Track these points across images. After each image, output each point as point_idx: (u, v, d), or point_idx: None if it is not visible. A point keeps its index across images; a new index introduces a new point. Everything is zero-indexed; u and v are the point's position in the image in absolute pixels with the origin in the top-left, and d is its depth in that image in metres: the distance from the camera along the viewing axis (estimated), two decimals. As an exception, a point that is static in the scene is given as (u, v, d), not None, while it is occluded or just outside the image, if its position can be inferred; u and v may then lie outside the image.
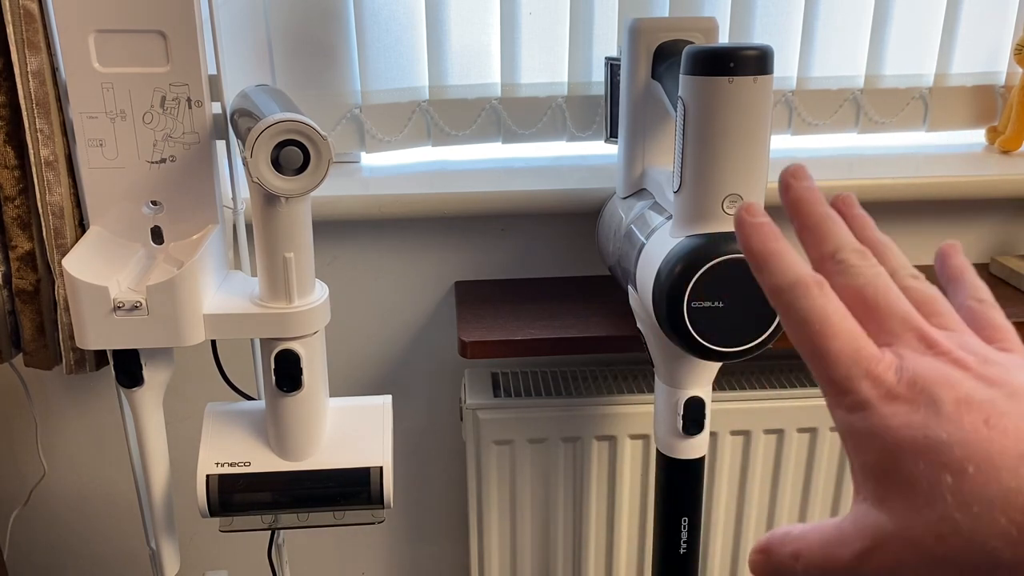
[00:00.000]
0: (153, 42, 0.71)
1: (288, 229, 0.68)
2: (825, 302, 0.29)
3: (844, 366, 0.28)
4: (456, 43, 1.07)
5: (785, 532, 0.30)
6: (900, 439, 0.27)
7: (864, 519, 0.28)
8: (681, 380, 0.82)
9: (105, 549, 1.23)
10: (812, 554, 0.29)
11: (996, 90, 1.17)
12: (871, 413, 0.27)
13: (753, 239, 0.31)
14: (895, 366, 0.28)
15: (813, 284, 0.29)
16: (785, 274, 0.30)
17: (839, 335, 0.29)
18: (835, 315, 0.29)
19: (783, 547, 0.30)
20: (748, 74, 0.65)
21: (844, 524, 0.29)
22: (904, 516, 0.26)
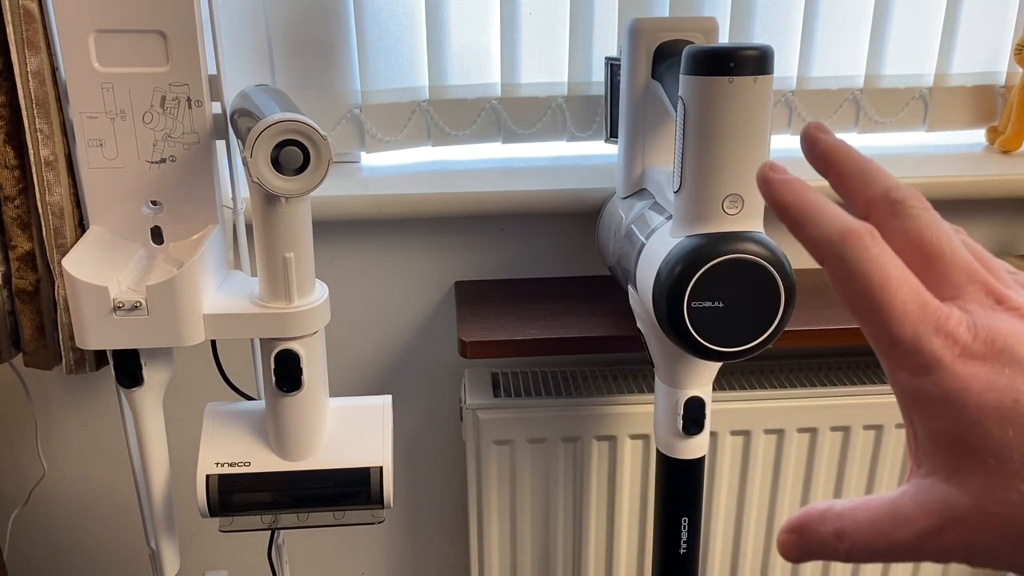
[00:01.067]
0: (153, 42, 0.71)
1: (288, 229, 0.68)
2: (880, 251, 0.26)
3: (910, 323, 0.25)
4: (456, 43, 1.07)
5: (826, 508, 0.27)
6: (983, 404, 0.24)
7: (929, 495, 0.25)
8: (681, 380, 0.82)
9: (105, 549, 1.23)
10: (861, 533, 0.26)
11: (996, 90, 1.17)
12: (945, 375, 0.25)
13: (786, 193, 0.28)
14: (967, 322, 0.25)
15: (865, 233, 0.26)
16: (832, 224, 0.27)
17: (901, 288, 0.25)
18: (893, 266, 0.26)
19: (823, 525, 0.27)
20: (748, 74, 0.65)
21: (902, 500, 0.26)
22: (985, 490, 0.24)
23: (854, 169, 0.29)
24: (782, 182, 0.28)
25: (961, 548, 0.24)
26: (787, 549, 0.28)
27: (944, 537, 0.25)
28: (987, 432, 0.24)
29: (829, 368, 1.14)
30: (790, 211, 0.28)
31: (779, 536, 0.28)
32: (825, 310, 1.00)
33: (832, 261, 0.26)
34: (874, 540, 0.26)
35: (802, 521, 0.28)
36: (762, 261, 0.68)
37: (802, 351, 1.16)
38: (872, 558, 0.26)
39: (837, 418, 1.06)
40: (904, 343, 0.25)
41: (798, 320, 0.97)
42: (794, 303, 0.70)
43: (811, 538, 0.27)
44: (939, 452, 0.25)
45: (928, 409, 0.25)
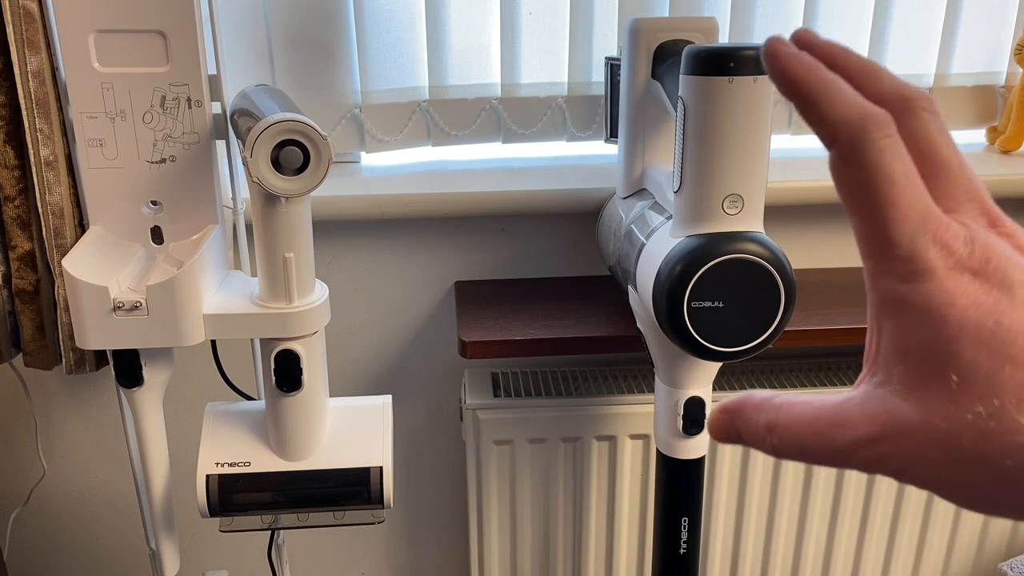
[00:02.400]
0: (153, 42, 0.71)
1: (288, 229, 0.68)
2: (895, 143, 0.24)
3: (911, 226, 0.24)
4: (456, 43, 1.07)
5: (765, 398, 0.27)
6: (965, 321, 0.23)
7: (878, 404, 0.25)
8: (681, 380, 0.82)
9: (105, 549, 1.23)
10: (794, 429, 0.26)
11: (996, 90, 1.17)
12: (934, 286, 0.24)
13: (799, 67, 0.25)
14: (964, 236, 0.24)
15: (885, 121, 0.24)
16: (851, 106, 0.25)
17: (908, 188, 0.24)
18: (904, 163, 0.24)
19: (757, 413, 0.27)
20: (748, 74, 0.65)
21: (847, 405, 0.25)
22: (940, 407, 0.23)
23: (861, 65, 0.27)
24: (793, 57, 0.26)
25: (896, 459, 0.24)
26: (717, 428, 0.28)
27: (881, 446, 0.24)
28: (959, 350, 0.23)
29: (829, 368, 1.14)
30: (804, 87, 0.25)
31: (711, 414, 0.28)
32: (825, 310, 1.00)
33: (844, 145, 0.25)
34: (808, 439, 0.25)
35: (738, 404, 0.27)
36: (762, 261, 0.68)
37: (802, 351, 1.16)
38: (800, 457, 0.26)
39: (837, 418, 1.06)
40: (899, 245, 0.24)
41: (798, 320, 0.97)
42: (794, 303, 0.70)
43: (742, 423, 0.27)
44: (902, 364, 0.25)
45: (905, 318, 0.24)
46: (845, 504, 1.11)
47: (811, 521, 1.12)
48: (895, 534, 1.14)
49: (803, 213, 1.12)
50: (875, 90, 0.26)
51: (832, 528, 1.13)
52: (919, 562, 1.16)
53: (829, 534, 1.13)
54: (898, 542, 1.14)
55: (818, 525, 1.13)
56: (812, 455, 0.26)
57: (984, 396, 0.23)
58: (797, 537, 1.13)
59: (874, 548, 1.15)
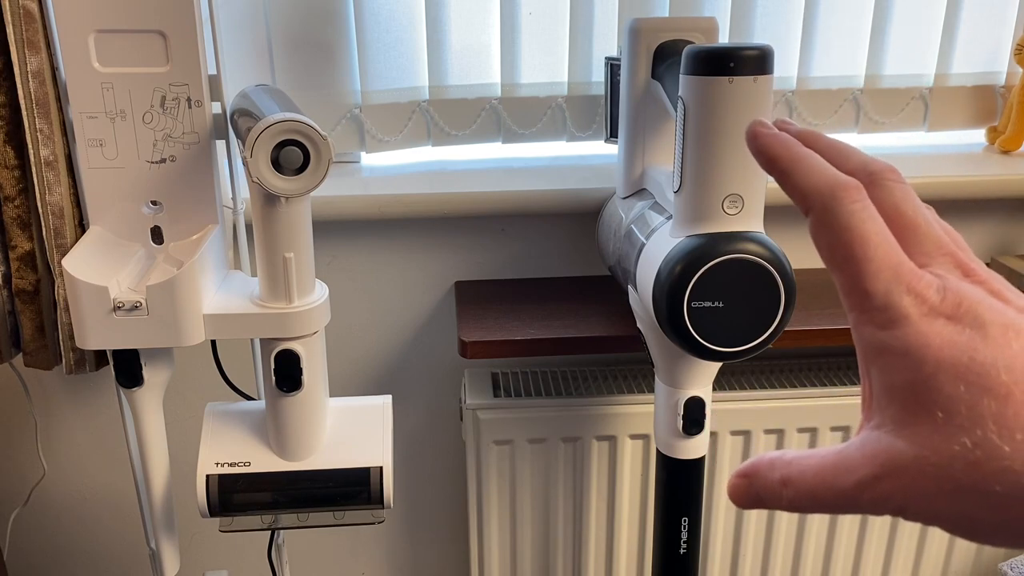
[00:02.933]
0: (153, 42, 0.71)
1: (288, 229, 0.68)
2: (865, 207, 0.27)
3: (884, 279, 0.26)
4: (456, 43, 1.07)
5: (776, 457, 0.29)
6: (941, 359, 0.25)
7: (875, 445, 0.26)
8: (681, 380, 0.82)
9: (105, 549, 1.23)
10: (805, 481, 0.27)
11: (996, 90, 1.17)
12: (910, 330, 0.26)
13: (776, 145, 0.29)
14: (936, 285, 0.26)
15: (853, 187, 0.27)
16: (822, 175, 0.28)
17: (880, 245, 0.26)
18: (875, 223, 0.27)
19: (771, 472, 0.28)
20: (748, 74, 0.65)
21: (848, 451, 0.27)
22: (930, 441, 0.25)
23: (829, 146, 0.30)
24: (772, 136, 0.29)
25: (898, 497, 0.25)
26: (737, 494, 0.29)
27: (882, 485, 0.25)
28: (940, 386, 0.25)
29: (829, 368, 1.14)
30: (780, 162, 0.29)
31: (730, 481, 0.29)
32: (825, 310, 1.00)
33: (818, 211, 0.27)
34: (817, 488, 0.27)
35: (753, 467, 0.29)
36: (762, 261, 0.68)
37: (802, 351, 1.16)
38: (814, 507, 0.27)
39: (837, 418, 1.06)
40: (875, 296, 0.26)
41: (798, 320, 0.97)
42: (794, 303, 0.70)
43: (759, 484, 0.28)
44: (892, 405, 0.26)
45: (888, 362, 0.26)
46: (845, 504, 1.11)
47: (811, 521, 1.12)
48: (895, 534, 1.14)
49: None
50: (845, 166, 0.29)
51: (832, 528, 1.13)
52: (919, 562, 1.16)
53: (829, 534, 1.13)
54: (898, 542, 1.14)
55: (818, 525, 1.13)
56: (823, 503, 0.27)
57: (967, 428, 0.24)
58: (797, 537, 1.13)
59: (874, 548, 1.15)
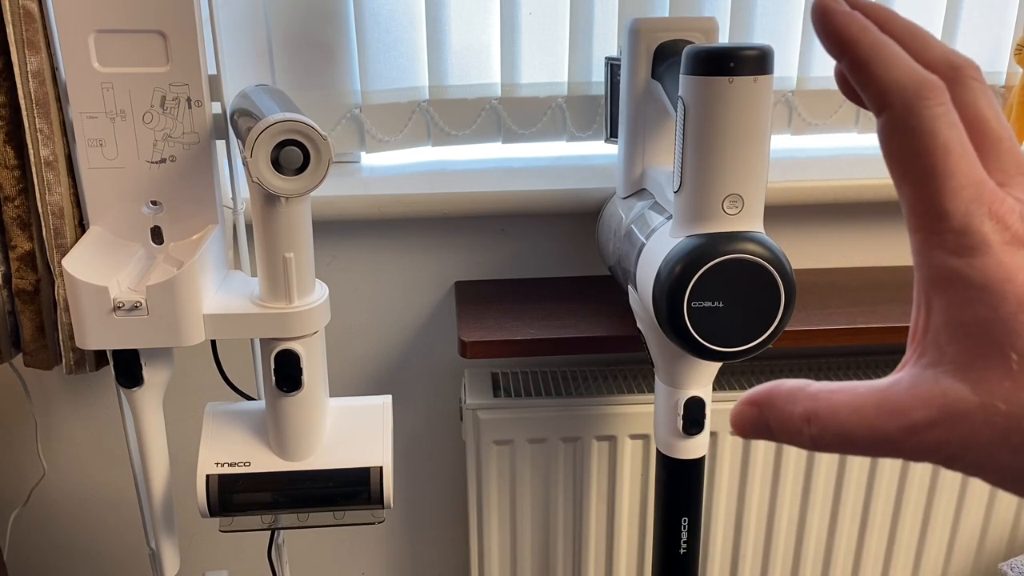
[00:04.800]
0: (153, 42, 0.71)
1: (288, 229, 0.68)
2: (948, 111, 0.23)
3: (965, 198, 0.23)
4: (456, 43, 1.07)
5: (797, 388, 0.25)
6: None
7: (930, 386, 0.23)
8: (681, 380, 0.82)
9: (105, 549, 1.23)
10: (836, 418, 0.24)
11: (996, 90, 1.17)
12: (991, 261, 0.23)
13: (853, 27, 0.24)
14: (1020, 210, 0.23)
15: (938, 88, 0.24)
16: (904, 69, 0.24)
17: (963, 158, 0.23)
18: (959, 132, 0.23)
19: (791, 403, 0.25)
20: (748, 74, 0.65)
21: (895, 389, 0.24)
22: (1000, 388, 0.22)
23: (908, 31, 0.26)
24: (847, 15, 0.25)
25: (953, 445, 0.23)
26: (741, 421, 0.26)
27: (936, 431, 0.23)
28: (1020, 327, 0.22)
29: (829, 368, 1.14)
30: (857, 48, 0.24)
31: (735, 407, 0.26)
32: (825, 310, 1.00)
33: (898, 111, 0.24)
34: (853, 428, 0.24)
35: (768, 395, 0.25)
36: (762, 261, 0.68)
37: (802, 351, 1.16)
38: (843, 447, 0.24)
39: (837, 418, 1.06)
40: (953, 217, 0.23)
41: (798, 320, 0.97)
42: (794, 303, 0.70)
43: (774, 415, 0.25)
44: (955, 343, 0.23)
45: (959, 294, 0.23)
46: (845, 504, 1.11)
47: (811, 521, 1.12)
48: (895, 534, 1.14)
49: (803, 213, 1.12)
50: (924, 56, 0.25)
51: (832, 528, 1.13)
52: (919, 562, 1.16)
53: (829, 534, 1.13)
54: (898, 542, 1.14)
55: (818, 525, 1.13)
56: (857, 445, 0.24)
57: None
58: (797, 537, 1.13)
59: (874, 548, 1.15)
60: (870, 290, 1.07)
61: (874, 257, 1.16)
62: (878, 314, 0.99)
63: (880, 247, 1.15)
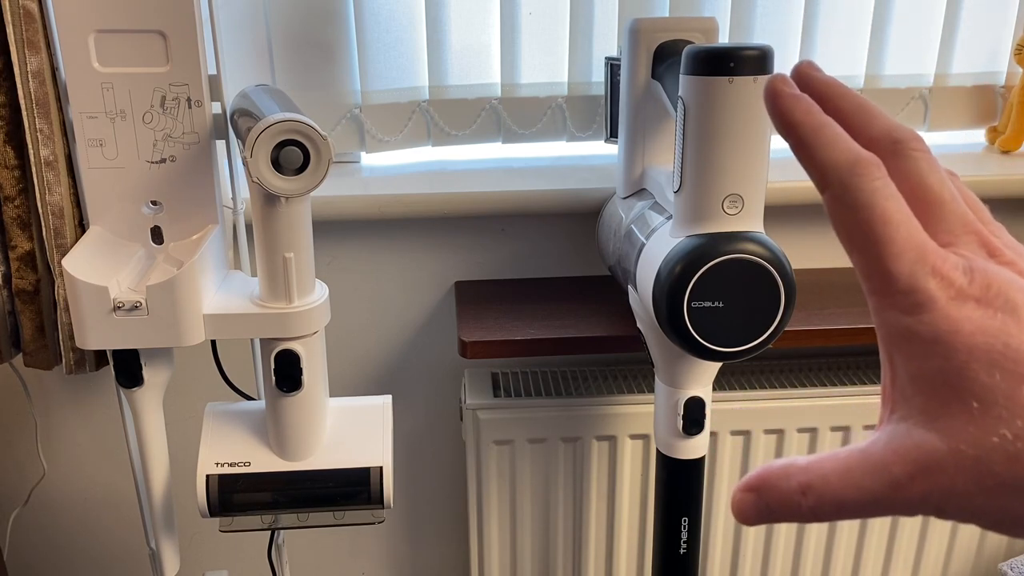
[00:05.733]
0: (153, 42, 0.71)
1: (288, 229, 0.68)
2: (886, 185, 0.25)
3: (908, 260, 0.24)
4: (456, 43, 1.07)
5: (787, 464, 0.26)
6: (974, 346, 0.23)
7: (904, 440, 0.24)
8: (681, 380, 0.82)
9: (105, 549, 1.23)
10: (829, 486, 0.25)
11: (996, 90, 1.17)
12: (938, 315, 0.24)
13: (797, 110, 0.26)
14: (963, 266, 0.24)
15: (874, 164, 0.25)
16: (841, 150, 0.25)
17: (902, 224, 0.25)
18: (896, 202, 0.25)
19: (785, 481, 0.25)
20: (748, 74, 0.65)
21: (874, 448, 0.25)
22: (965, 434, 0.23)
23: (855, 106, 0.28)
24: (793, 97, 0.27)
25: (935, 496, 0.23)
26: (744, 510, 0.26)
27: (918, 484, 0.24)
28: (974, 375, 0.23)
29: (829, 368, 1.14)
30: (799, 130, 0.26)
31: (734, 496, 0.26)
32: (825, 310, 1.00)
33: (836, 188, 0.25)
34: (844, 491, 0.24)
35: (762, 478, 0.26)
36: (762, 261, 0.68)
37: (802, 351, 1.16)
38: (840, 514, 0.25)
39: (837, 418, 1.06)
40: (899, 279, 0.24)
41: (798, 320, 0.97)
42: (794, 303, 0.70)
43: (772, 496, 0.26)
44: (920, 395, 0.24)
45: (914, 349, 0.24)
46: (845, 504, 1.11)
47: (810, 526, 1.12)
48: (895, 534, 1.14)
49: (803, 213, 1.12)
50: (867, 132, 0.27)
51: (832, 528, 1.13)
52: (919, 562, 1.16)
53: (829, 534, 1.13)
54: (898, 542, 1.14)
55: (818, 525, 1.13)
56: (850, 508, 0.25)
57: (1006, 418, 0.23)
58: (797, 537, 1.13)
59: (874, 548, 1.15)
60: (870, 290, 1.07)
61: (874, 257, 1.16)
62: (878, 314, 0.99)
63: (880, 247, 1.15)
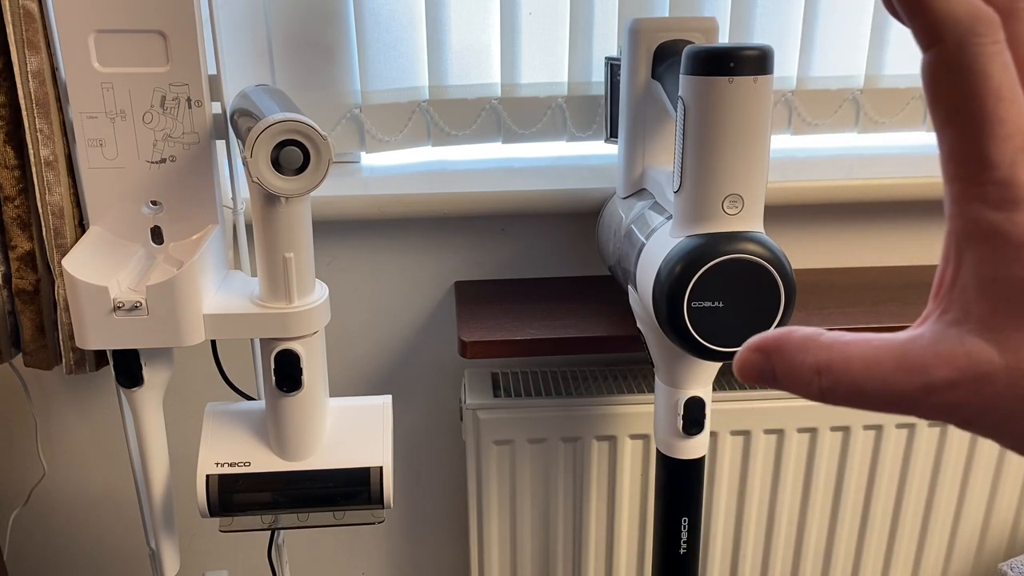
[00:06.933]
0: (153, 42, 0.71)
1: (288, 229, 0.68)
2: (1002, 50, 0.21)
3: (1012, 147, 0.21)
4: (456, 43, 1.07)
5: (809, 336, 0.24)
6: None
7: (954, 344, 0.22)
8: (681, 380, 0.82)
9: (105, 549, 1.23)
10: (850, 372, 0.23)
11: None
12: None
13: None
14: None
15: (996, 25, 0.21)
16: (961, 1, 0.21)
17: (1014, 104, 0.21)
18: (1011, 75, 0.21)
19: (803, 353, 0.23)
20: (748, 74, 0.65)
21: (915, 345, 0.23)
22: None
23: None
24: None
25: (971, 407, 0.22)
26: (746, 368, 0.24)
27: (957, 392, 0.22)
28: None
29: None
30: None
31: (740, 352, 0.24)
32: (825, 310, 1.00)
33: (950, 48, 0.21)
34: (867, 383, 0.23)
35: (778, 342, 0.24)
36: (762, 261, 0.68)
37: (802, 351, 1.16)
38: (855, 402, 0.23)
39: (837, 418, 1.06)
40: (998, 168, 0.21)
41: (798, 320, 0.97)
42: (794, 303, 0.70)
43: (783, 365, 0.24)
44: (985, 300, 0.22)
45: (996, 251, 0.22)
46: (845, 504, 1.11)
47: (811, 521, 1.12)
48: (895, 534, 1.14)
49: (803, 213, 1.12)
50: None
51: (832, 528, 1.13)
52: (919, 562, 1.16)
53: (829, 534, 1.13)
54: (898, 542, 1.14)
55: (818, 525, 1.13)
56: (871, 400, 0.23)
57: None
58: (797, 537, 1.13)
59: (874, 548, 1.15)
60: (870, 290, 1.07)
61: (874, 257, 1.16)
62: (878, 314, 0.99)
63: (880, 247, 1.15)
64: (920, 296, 1.05)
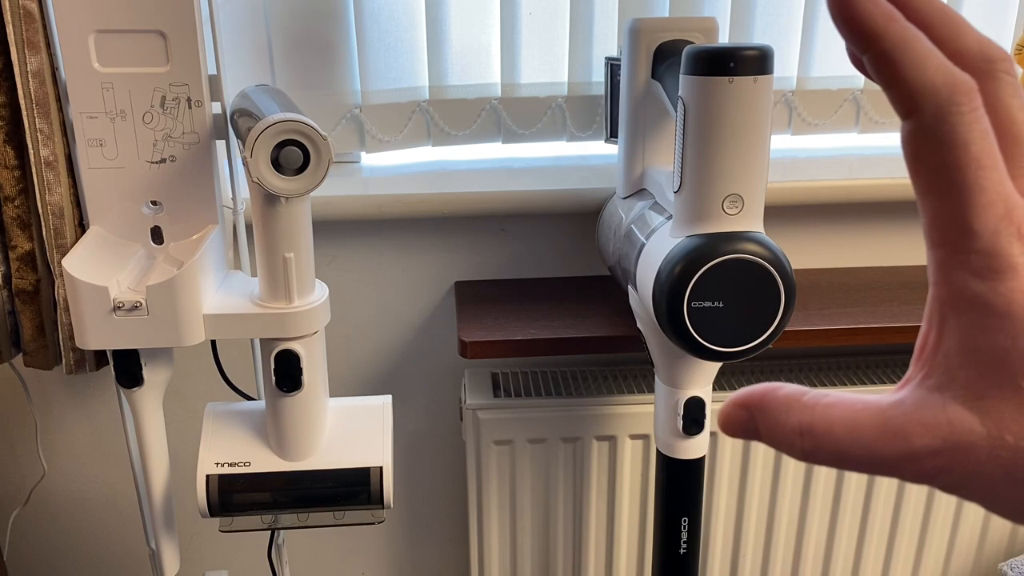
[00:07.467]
0: (153, 42, 0.71)
1: (288, 229, 0.68)
2: (980, 118, 0.21)
3: (994, 216, 0.21)
4: (456, 43, 1.07)
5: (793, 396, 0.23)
6: None
7: (936, 412, 0.22)
8: (681, 380, 0.82)
9: (105, 549, 1.23)
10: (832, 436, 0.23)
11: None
12: (1015, 286, 0.21)
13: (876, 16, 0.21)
14: None
15: (972, 92, 0.21)
16: (938, 70, 0.21)
17: (994, 172, 0.21)
18: (990, 142, 0.21)
19: (784, 412, 0.23)
20: (748, 74, 0.65)
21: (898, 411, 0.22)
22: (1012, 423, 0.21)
23: (940, 15, 0.23)
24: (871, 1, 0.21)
25: (952, 475, 0.22)
26: (730, 423, 0.24)
27: (938, 460, 0.22)
28: None
29: (829, 368, 1.14)
30: (883, 41, 0.21)
31: (724, 407, 0.24)
32: (825, 310, 1.00)
33: (929, 118, 0.21)
34: (848, 447, 0.22)
35: (761, 399, 0.24)
36: (762, 261, 0.68)
37: (802, 351, 1.16)
38: (837, 464, 0.23)
39: (837, 418, 1.06)
40: (981, 237, 0.21)
41: (798, 320, 0.97)
42: (794, 303, 0.70)
43: (766, 423, 0.24)
44: (968, 368, 0.22)
45: (979, 319, 0.21)
46: (845, 504, 1.11)
47: (811, 521, 1.12)
48: (895, 534, 1.14)
49: (803, 213, 1.12)
50: (956, 46, 0.22)
51: (832, 528, 1.13)
52: (919, 562, 1.16)
53: (829, 534, 1.13)
54: (898, 542, 1.14)
55: (818, 525, 1.13)
56: (852, 464, 0.23)
57: None
58: (797, 537, 1.13)
59: (874, 548, 1.15)
60: (870, 290, 1.07)
61: (874, 257, 1.16)
62: (878, 314, 0.99)
63: (880, 247, 1.15)
64: (920, 296, 1.05)
